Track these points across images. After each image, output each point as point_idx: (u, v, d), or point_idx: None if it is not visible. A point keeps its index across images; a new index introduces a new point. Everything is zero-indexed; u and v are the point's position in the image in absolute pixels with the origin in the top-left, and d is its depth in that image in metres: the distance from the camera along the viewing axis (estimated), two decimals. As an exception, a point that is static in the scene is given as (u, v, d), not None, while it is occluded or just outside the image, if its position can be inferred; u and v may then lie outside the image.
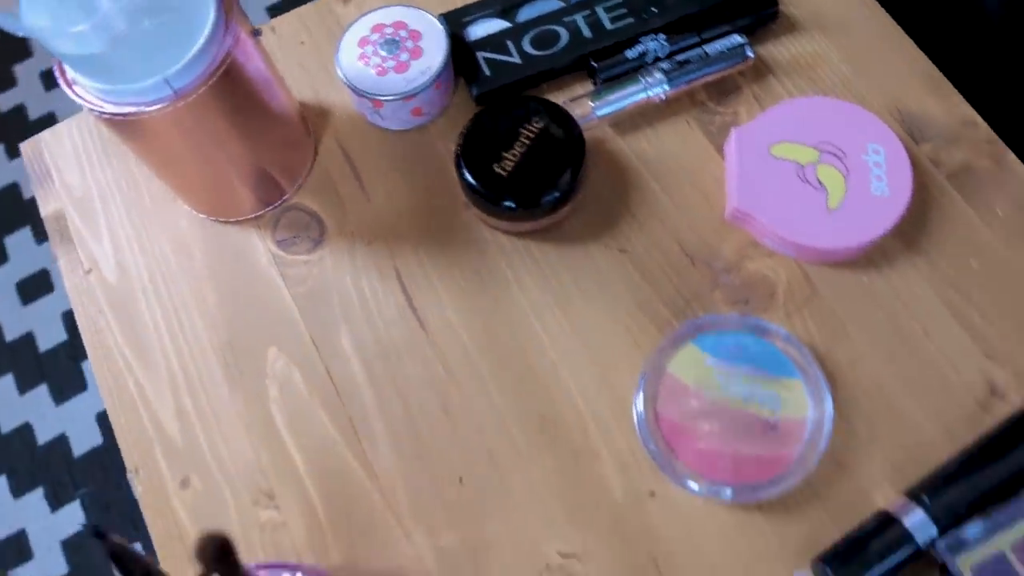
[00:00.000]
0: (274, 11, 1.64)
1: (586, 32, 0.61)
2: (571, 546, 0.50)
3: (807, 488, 0.51)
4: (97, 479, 1.31)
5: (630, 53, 0.60)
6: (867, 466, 0.51)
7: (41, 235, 1.48)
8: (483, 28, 0.62)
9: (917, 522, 0.48)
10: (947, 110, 0.59)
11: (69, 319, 1.41)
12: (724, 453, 0.51)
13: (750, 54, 0.60)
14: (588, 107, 0.60)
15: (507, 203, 0.54)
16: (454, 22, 0.62)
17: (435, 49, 0.59)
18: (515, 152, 0.55)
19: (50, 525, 1.28)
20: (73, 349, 1.39)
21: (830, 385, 0.52)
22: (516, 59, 0.61)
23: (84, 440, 1.34)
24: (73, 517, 1.29)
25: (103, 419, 1.34)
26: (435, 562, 0.51)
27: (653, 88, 0.60)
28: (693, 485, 0.50)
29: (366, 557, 0.51)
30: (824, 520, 0.50)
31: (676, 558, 0.50)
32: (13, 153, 1.55)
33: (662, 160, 0.60)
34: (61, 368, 1.38)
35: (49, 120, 1.57)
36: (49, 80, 1.61)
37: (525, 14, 0.62)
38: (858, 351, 0.54)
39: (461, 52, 0.62)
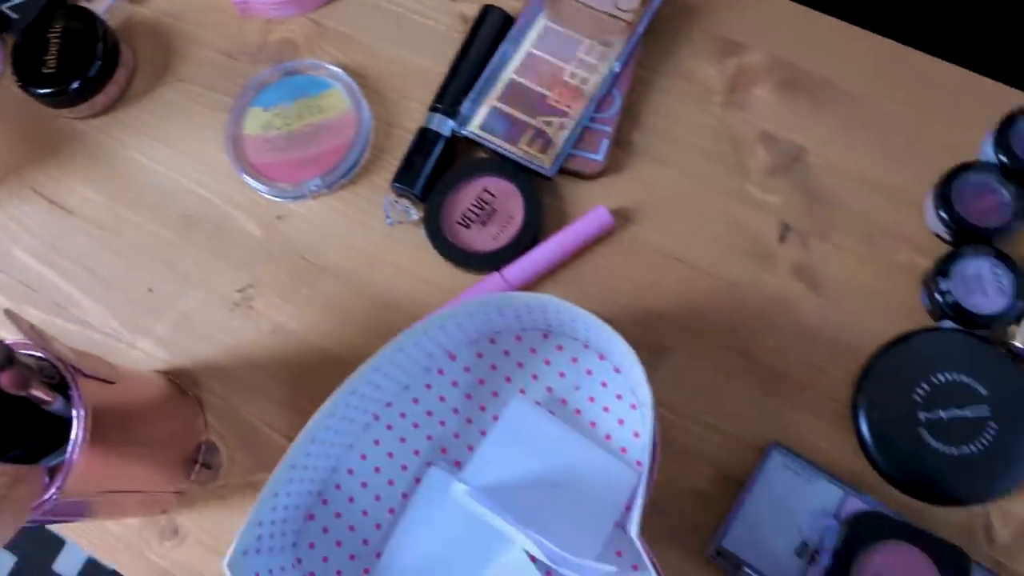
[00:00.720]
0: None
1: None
2: (243, 281, 0.66)
3: (373, 153, 0.68)
4: None
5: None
6: (405, 115, 0.68)
7: None
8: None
9: (438, 121, 0.65)
10: None
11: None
12: (307, 161, 0.67)
13: None
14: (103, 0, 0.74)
15: (72, 87, 0.68)
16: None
17: (-40, 18, 0.71)
18: (52, 53, 0.69)
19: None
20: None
21: (359, 81, 0.69)
22: (32, -5, 0.74)
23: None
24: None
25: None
26: (161, 349, 0.65)
27: (141, -42, 0.74)
28: (299, 192, 0.66)
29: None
30: (392, 162, 0.67)
31: (316, 245, 0.66)
32: None
33: (180, 7, 0.74)
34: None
35: None
36: None
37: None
38: (369, 48, 0.71)
39: (-10, 14, 0.74)
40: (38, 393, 0.45)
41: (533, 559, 0.55)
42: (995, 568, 0.54)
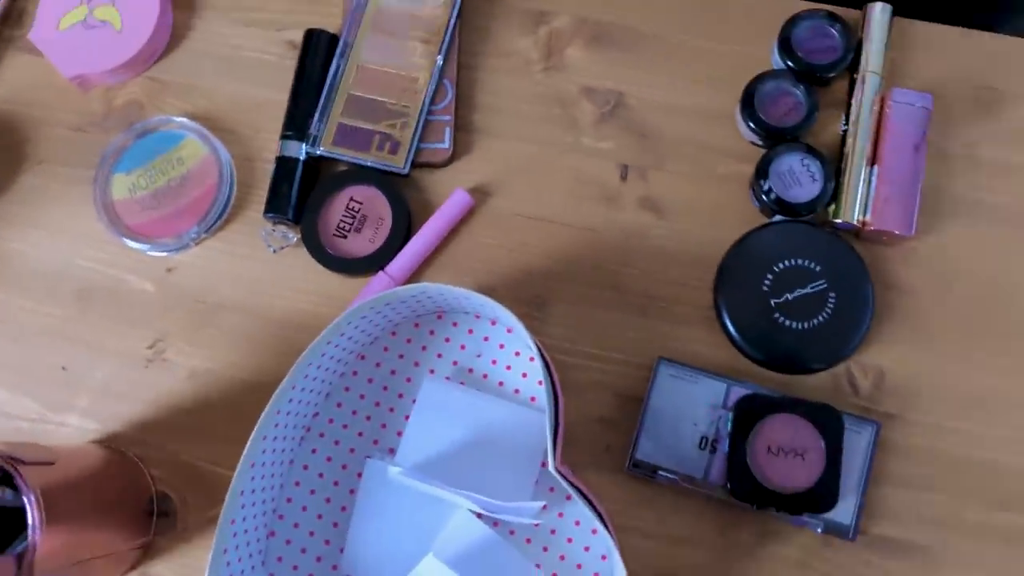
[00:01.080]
0: None
1: None
2: (151, 337, 0.70)
3: (241, 189, 0.72)
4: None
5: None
6: (262, 148, 0.72)
7: None
8: None
9: (291, 148, 0.70)
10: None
11: None
12: (181, 212, 0.71)
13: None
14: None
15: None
16: None
17: None
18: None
19: None
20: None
21: (209, 125, 0.73)
22: None
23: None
24: None
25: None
26: (90, 420, 0.69)
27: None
28: (181, 243, 0.70)
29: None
30: (261, 194, 0.71)
31: (210, 288, 0.70)
32: None
33: (17, 92, 0.76)
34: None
35: None
36: None
37: None
38: (211, 93, 0.74)
39: None
40: (-13, 492, 0.49)
41: (479, 516, 0.61)
42: (863, 414, 0.63)
